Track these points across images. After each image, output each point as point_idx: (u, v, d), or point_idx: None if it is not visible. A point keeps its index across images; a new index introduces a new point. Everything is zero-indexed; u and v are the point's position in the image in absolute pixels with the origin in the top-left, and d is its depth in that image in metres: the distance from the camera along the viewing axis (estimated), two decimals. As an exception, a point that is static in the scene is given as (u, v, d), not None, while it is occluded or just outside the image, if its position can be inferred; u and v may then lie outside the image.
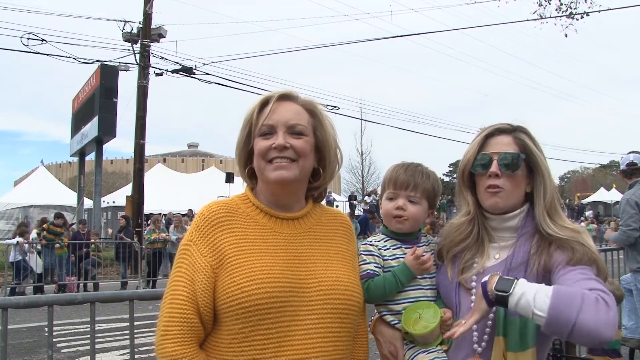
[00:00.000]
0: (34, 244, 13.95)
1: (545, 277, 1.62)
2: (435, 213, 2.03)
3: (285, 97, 1.68)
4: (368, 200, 30.87)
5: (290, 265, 1.58)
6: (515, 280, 1.49)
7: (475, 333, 1.67)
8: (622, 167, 5.91)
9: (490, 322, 1.65)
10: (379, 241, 1.89)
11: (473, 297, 1.69)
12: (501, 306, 1.51)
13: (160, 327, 1.53)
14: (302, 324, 1.53)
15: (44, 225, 14.36)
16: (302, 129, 1.64)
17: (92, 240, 15.35)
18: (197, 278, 1.54)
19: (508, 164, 1.72)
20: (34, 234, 14.32)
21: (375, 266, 1.81)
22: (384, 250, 1.85)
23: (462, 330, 1.53)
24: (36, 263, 13.84)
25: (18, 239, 13.58)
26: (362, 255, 1.85)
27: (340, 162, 1.78)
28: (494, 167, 1.72)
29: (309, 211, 1.73)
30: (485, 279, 1.55)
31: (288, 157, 1.60)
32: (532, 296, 1.44)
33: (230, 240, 1.58)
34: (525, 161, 1.74)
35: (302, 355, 1.51)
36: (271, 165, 1.60)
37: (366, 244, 1.90)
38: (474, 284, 1.72)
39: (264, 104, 1.66)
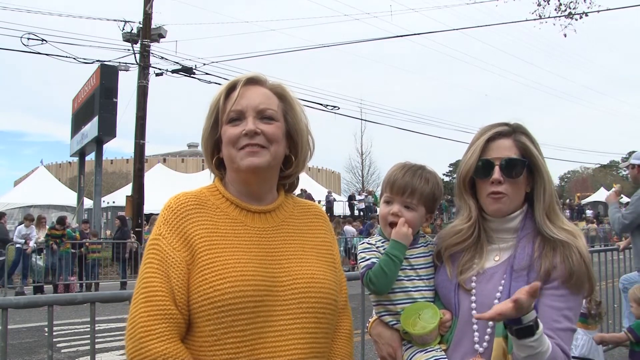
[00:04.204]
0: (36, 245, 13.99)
1: (546, 281, 1.63)
2: (437, 212, 2.01)
3: (252, 81, 1.59)
4: (361, 198, 30.88)
5: (263, 263, 1.49)
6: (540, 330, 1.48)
7: (476, 333, 1.66)
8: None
9: (491, 322, 1.64)
10: (376, 242, 1.88)
11: (473, 297, 1.69)
12: (514, 332, 1.49)
13: (137, 328, 1.38)
14: (277, 325, 1.45)
15: (48, 231, 14.35)
16: (273, 114, 1.55)
17: (90, 240, 15.35)
18: (172, 274, 1.43)
19: (511, 169, 1.70)
20: (41, 237, 14.31)
21: (376, 259, 1.80)
22: (382, 249, 1.84)
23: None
24: (35, 263, 13.90)
25: (20, 228, 13.93)
26: (361, 254, 1.85)
27: (313, 149, 1.68)
28: (496, 174, 1.70)
29: (281, 203, 1.64)
30: (533, 316, 1.48)
31: (259, 143, 1.51)
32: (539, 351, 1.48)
33: (201, 233, 1.48)
34: (527, 164, 1.73)
35: (277, 357, 1.43)
36: (241, 153, 1.51)
37: (364, 243, 1.90)
38: (473, 284, 1.71)
39: (231, 89, 1.57)
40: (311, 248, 1.63)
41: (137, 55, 18.39)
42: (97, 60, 18.85)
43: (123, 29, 18.64)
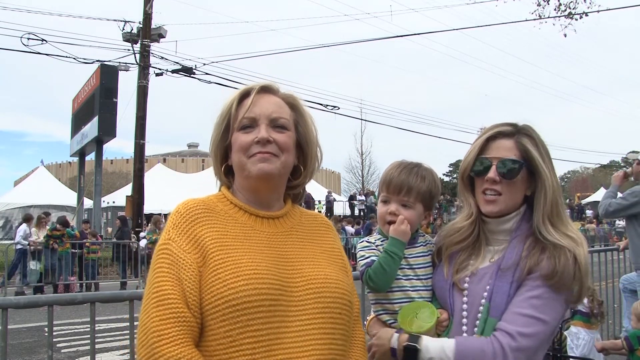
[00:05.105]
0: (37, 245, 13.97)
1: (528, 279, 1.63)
2: (437, 211, 2.02)
3: (266, 90, 1.60)
4: (363, 199, 30.90)
5: (276, 264, 1.47)
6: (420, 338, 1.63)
7: (465, 334, 1.67)
8: None
9: (478, 321, 1.66)
10: (375, 240, 1.89)
11: (465, 298, 1.71)
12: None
13: (150, 333, 1.35)
14: (293, 325, 1.42)
15: (48, 232, 14.32)
16: (285, 123, 1.56)
17: (90, 241, 15.34)
18: (183, 276, 1.39)
19: (507, 171, 1.70)
20: (41, 237, 14.28)
21: (375, 257, 1.81)
22: (381, 248, 1.85)
23: None
24: (35, 264, 13.89)
25: (25, 228, 13.92)
26: (361, 252, 1.86)
27: (320, 160, 1.69)
28: (492, 173, 1.71)
29: (288, 211, 1.65)
30: (396, 337, 1.66)
31: (270, 151, 1.51)
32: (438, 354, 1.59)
33: (212, 235, 1.47)
34: (526, 167, 1.72)
35: (294, 359, 1.39)
36: (253, 159, 1.51)
37: (363, 241, 1.91)
38: (466, 285, 1.72)
39: (243, 96, 1.58)
40: (322, 253, 1.63)
41: (137, 55, 18.40)
42: (97, 60, 18.88)
43: (123, 29, 18.67)
